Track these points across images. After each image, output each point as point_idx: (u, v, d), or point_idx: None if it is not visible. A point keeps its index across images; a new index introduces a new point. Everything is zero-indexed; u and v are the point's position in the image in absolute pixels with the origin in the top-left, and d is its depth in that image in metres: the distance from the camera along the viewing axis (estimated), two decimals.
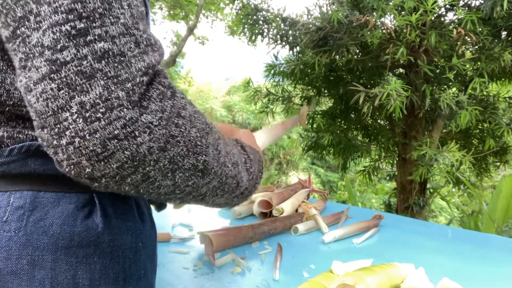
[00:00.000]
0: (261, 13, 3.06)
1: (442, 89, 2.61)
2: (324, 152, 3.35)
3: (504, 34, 2.52)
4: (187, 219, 1.19)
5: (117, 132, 0.37)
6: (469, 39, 2.17)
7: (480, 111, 2.37)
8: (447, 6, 2.43)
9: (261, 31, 3.03)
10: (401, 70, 2.98)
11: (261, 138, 0.78)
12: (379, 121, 3.39)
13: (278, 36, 3.01)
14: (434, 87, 2.54)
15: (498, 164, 3.11)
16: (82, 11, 0.37)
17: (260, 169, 0.60)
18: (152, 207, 0.62)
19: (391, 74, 3.03)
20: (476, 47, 2.44)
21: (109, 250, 0.49)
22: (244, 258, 0.93)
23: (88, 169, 0.38)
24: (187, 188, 0.45)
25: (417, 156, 2.43)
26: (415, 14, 2.10)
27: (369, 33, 2.27)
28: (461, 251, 1.07)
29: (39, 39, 0.37)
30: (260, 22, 3.04)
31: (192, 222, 1.16)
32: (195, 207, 1.31)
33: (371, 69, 2.86)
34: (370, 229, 1.16)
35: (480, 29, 2.21)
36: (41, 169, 0.46)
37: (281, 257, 0.94)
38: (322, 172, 9.93)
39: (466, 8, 2.47)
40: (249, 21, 3.02)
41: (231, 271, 0.87)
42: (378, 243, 1.11)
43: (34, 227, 0.45)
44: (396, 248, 1.07)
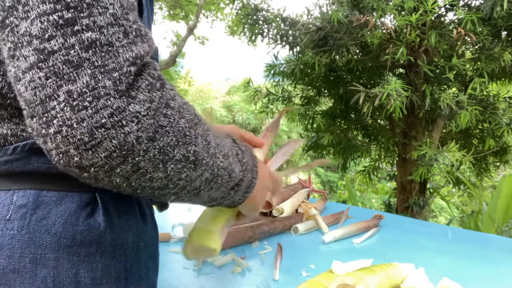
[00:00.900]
0: (261, 13, 3.06)
1: (442, 89, 2.61)
2: (324, 152, 3.35)
3: (504, 34, 2.52)
4: (187, 219, 1.19)
5: (104, 121, 0.37)
6: (469, 39, 2.17)
7: (480, 111, 2.37)
8: (447, 6, 2.44)
9: (261, 31, 3.03)
10: (401, 70, 2.98)
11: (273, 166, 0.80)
12: (379, 121, 3.39)
13: (278, 36, 3.01)
14: (434, 87, 2.54)
15: (498, 164, 3.11)
16: (70, 1, 0.37)
17: (255, 164, 0.58)
18: (154, 208, 0.62)
19: (391, 74, 3.04)
20: (476, 47, 2.44)
21: (111, 249, 0.49)
22: (244, 258, 0.94)
23: (77, 158, 0.38)
24: (181, 182, 0.45)
25: (417, 156, 2.43)
26: (415, 14, 2.10)
27: (369, 33, 2.28)
28: (461, 251, 1.07)
29: (27, 29, 0.37)
30: (260, 22, 3.04)
31: (192, 222, 1.16)
32: (195, 207, 1.31)
33: (371, 69, 2.86)
34: (370, 229, 1.16)
35: (480, 29, 2.21)
36: (44, 168, 0.46)
37: (281, 257, 0.94)
38: (322, 172, 9.93)
39: (466, 8, 2.47)
40: (249, 21, 3.03)
41: (231, 271, 0.87)
42: (378, 243, 1.11)
43: (37, 226, 0.45)
44: (396, 248, 1.07)
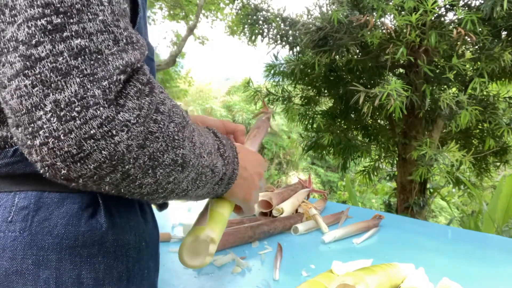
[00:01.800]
0: (261, 13, 3.06)
1: (442, 89, 2.61)
2: (324, 152, 3.35)
3: (504, 34, 2.52)
4: (187, 219, 1.19)
5: (93, 132, 0.35)
6: (469, 39, 2.17)
7: (480, 111, 2.37)
8: (447, 6, 2.43)
9: (261, 31, 3.03)
10: (401, 70, 2.98)
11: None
12: (379, 121, 3.39)
13: (278, 36, 3.01)
14: (434, 87, 2.54)
15: (498, 164, 3.11)
16: (60, 6, 0.36)
17: (235, 155, 0.59)
18: (154, 207, 0.62)
19: (391, 74, 3.04)
20: (476, 47, 2.44)
21: (113, 250, 0.49)
22: (244, 258, 0.94)
23: (64, 171, 0.37)
24: (169, 186, 0.44)
25: (417, 156, 2.43)
26: (415, 14, 2.10)
27: (369, 33, 2.28)
28: (461, 251, 1.07)
29: (14, 34, 0.35)
30: (260, 22, 3.04)
31: (192, 222, 1.16)
32: (195, 207, 1.31)
33: (371, 69, 2.86)
34: (370, 229, 1.16)
35: (480, 29, 2.21)
36: None
37: (281, 257, 0.94)
38: (322, 172, 9.93)
39: (466, 8, 2.47)
40: (249, 21, 3.03)
41: (231, 271, 0.87)
42: (378, 243, 1.11)
43: (39, 227, 0.45)
44: (396, 248, 1.07)
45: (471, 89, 2.29)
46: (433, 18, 2.27)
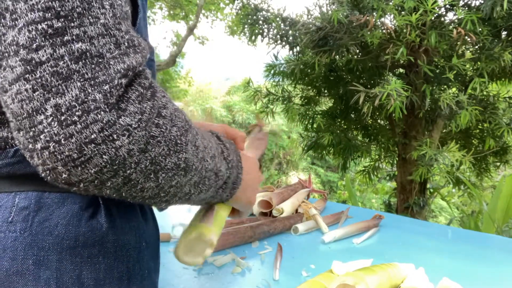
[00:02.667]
0: (261, 13, 3.06)
1: (442, 89, 2.61)
2: (324, 152, 3.35)
3: (504, 34, 2.52)
4: (187, 219, 1.19)
5: (94, 136, 0.35)
6: (469, 39, 2.17)
7: (480, 111, 2.37)
8: (447, 6, 2.44)
9: (261, 31, 3.03)
10: (401, 70, 2.98)
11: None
12: (379, 121, 3.39)
13: (278, 36, 3.01)
14: (434, 87, 2.55)
15: (498, 164, 3.11)
16: (60, 10, 0.35)
17: (239, 159, 0.59)
18: (154, 207, 0.62)
19: (391, 74, 3.04)
20: (476, 47, 2.44)
21: (114, 250, 0.49)
22: (244, 258, 0.94)
23: (65, 175, 0.37)
24: (172, 189, 0.44)
25: (417, 156, 2.43)
26: (415, 14, 2.10)
27: (369, 33, 2.28)
28: (461, 251, 1.07)
29: (15, 38, 0.35)
30: (260, 22, 3.04)
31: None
32: (195, 207, 1.31)
33: (371, 69, 2.86)
34: (370, 229, 1.16)
35: (480, 29, 2.21)
36: None
37: (281, 257, 0.94)
38: (322, 172, 9.93)
39: (466, 8, 2.47)
40: (249, 21, 3.03)
41: (231, 271, 0.87)
42: (378, 243, 1.11)
43: (39, 228, 0.45)
44: (396, 248, 1.07)
45: (471, 89, 2.29)
46: (433, 18, 2.27)
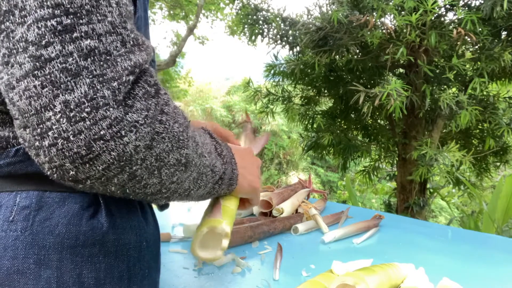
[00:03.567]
0: (261, 13, 3.06)
1: (442, 89, 2.61)
2: (324, 152, 3.35)
3: (504, 34, 2.52)
4: (187, 219, 1.19)
5: (103, 133, 0.35)
6: (469, 39, 2.17)
7: (480, 111, 2.37)
8: (447, 6, 2.44)
9: (261, 31, 3.03)
10: (401, 70, 2.98)
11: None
12: (379, 121, 3.39)
13: (278, 36, 3.01)
14: (434, 87, 2.55)
15: (498, 164, 3.11)
16: (69, 7, 0.35)
17: (232, 155, 0.61)
18: (154, 207, 0.62)
19: (391, 74, 3.04)
20: (476, 47, 2.44)
21: (114, 249, 0.49)
22: (244, 258, 0.94)
23: (72, 172, 0.37)
24: (172, 186, 0.45)
25: (417, 156, 2.43)
26: (415, 14, 2.10)
27: (369, 33, 2.28)
28: (461, 251, 1.07)
29: (24, 34, 0.35)
30: (260, 22, 3.04)
31: (192, 222, 1.16)
32: (195, 207, 1.32)
33: (371, 69, 2.86)
34: (370, 229, 1.16)
35: (480, 29, 2.21)
36: None
37: (281, 257, 0.94)
38: (322, 172, 9.93)
39: (466, 8, 2.47)
40: (249, 21, 3.03)
41: (231, 271, 0.87)
42: (378, 243, 1.11)
43: (40, 227, 0.46)
44: (396, 248, 1.07)
45: (471, 89, 2.29)
46: (433, 18, 2.27)
